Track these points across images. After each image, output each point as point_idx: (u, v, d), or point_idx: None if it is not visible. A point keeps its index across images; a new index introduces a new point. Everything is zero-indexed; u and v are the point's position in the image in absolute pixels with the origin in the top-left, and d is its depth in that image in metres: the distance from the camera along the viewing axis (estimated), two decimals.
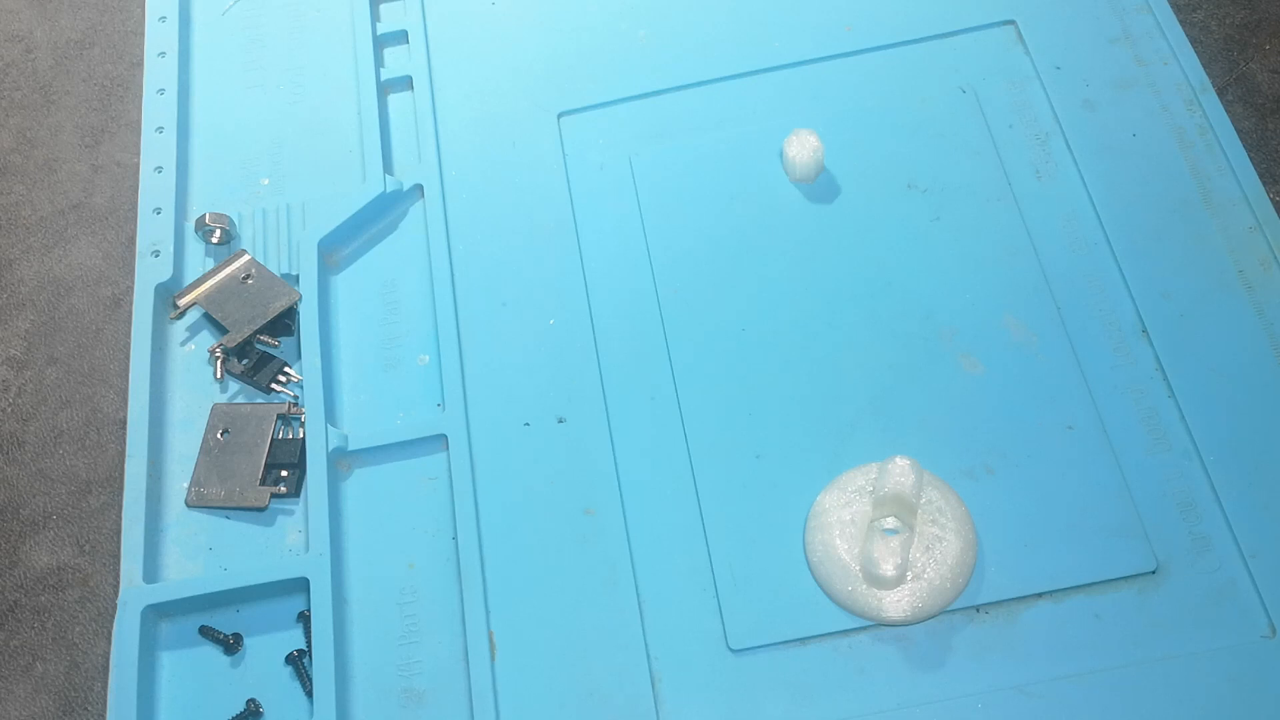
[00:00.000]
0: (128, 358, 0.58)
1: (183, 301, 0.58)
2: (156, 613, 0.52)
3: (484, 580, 0.51)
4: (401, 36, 0.67)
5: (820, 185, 0.60)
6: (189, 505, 0.54)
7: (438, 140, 0.63)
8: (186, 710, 0.51)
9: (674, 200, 0.60)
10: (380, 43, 0.67)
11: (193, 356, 0.59)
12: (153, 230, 0.61)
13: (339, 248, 0.61)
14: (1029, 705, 0.47)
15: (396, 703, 0.50)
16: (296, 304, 0.58)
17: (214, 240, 0.61)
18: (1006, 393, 0.54)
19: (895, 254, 0.58)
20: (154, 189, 0.62)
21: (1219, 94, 0.63)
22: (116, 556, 0.53)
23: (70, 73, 0.72)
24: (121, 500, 0.54)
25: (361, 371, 0.58)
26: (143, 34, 0.69)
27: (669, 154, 0.62)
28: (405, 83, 0.66)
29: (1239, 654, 0.47)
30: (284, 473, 0.55)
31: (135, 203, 0.63)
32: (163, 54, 0.67)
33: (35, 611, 0.56)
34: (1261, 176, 0.62)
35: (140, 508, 0.53)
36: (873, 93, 0.63)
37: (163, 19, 0.68)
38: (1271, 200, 0.58)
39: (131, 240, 0.62)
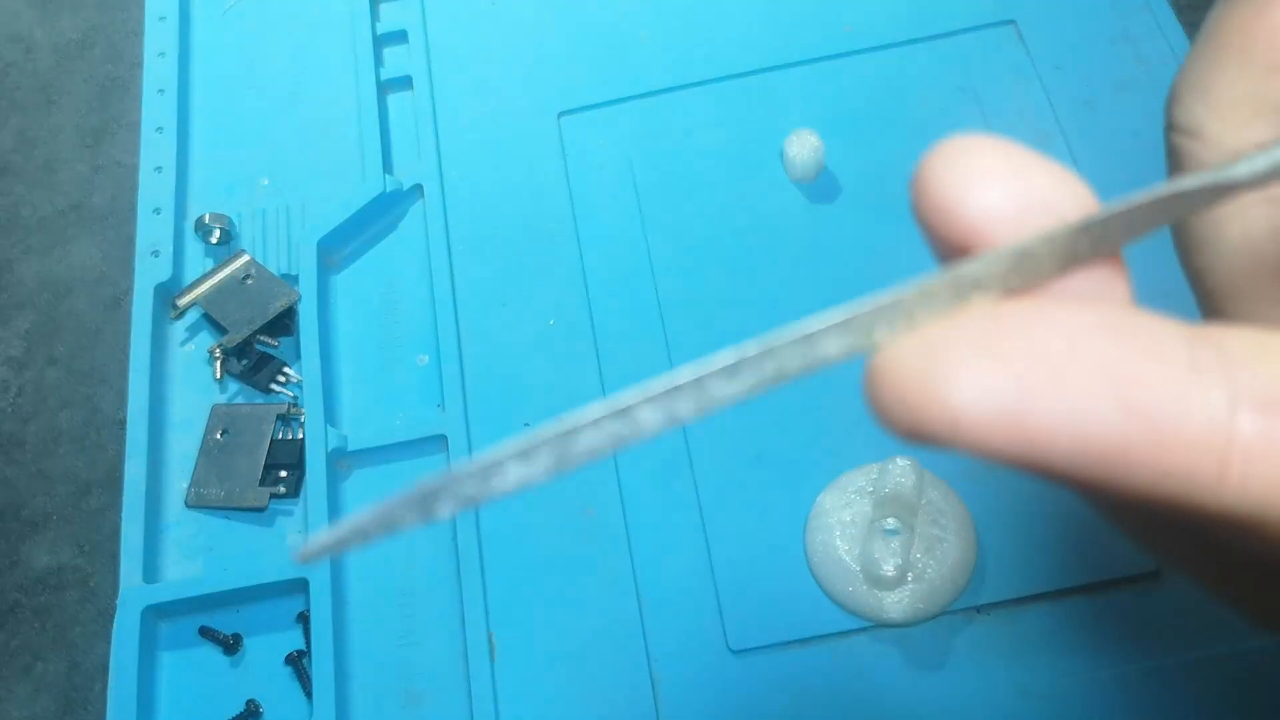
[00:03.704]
0: (127, 358, 0.58)
1: (182, 302, 0.58)
2: (156, 613, 0.52)
3: (484, 580, 0.51)
4: (401, 36, 0.67)
5: (820, 185, 0.60)
6: (189, 506, 0.54)
7: (438, 140, 0.63)
8: (186, 710, 0.51)
9: (674, 200, 0.60)
10: (380, 42, 0.67)
11: (192, 356, 0.59)
12: (152, 230, 0.61)
13: (339, 248, 0.61)
14: (1029, 705, 0.47)
15: (396, 703, 0.50)
16: (296, 304, 0.58)
17: (213, 240, 0.61)
18: None
19: (896, 254, 0.58)
20: (154, 189, 0.62)
21: None
22: (116, 556, 0.53)
23: (70, 73, 0.72)
24: (121, 500, 0.54)
25: (361, 371, 0.58)
26: (143, 34, 0.69)
27: (669, 154, 0.62)
28: (405, 82, 0.66)
29: (1239, 654, 0.47)
30: (283, 473, 0.55)
31: (135, 203, 0.63)
32: (163, 54, 0.67)
33: (35, 611, 0.56)
34: None
35: (140, 508, 0.53)
36: (873, 92, 0.63)
37: (163, 19, 0.68)
38: None
39: (131, 240, 0.62)
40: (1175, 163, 0.20)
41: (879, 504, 0.50)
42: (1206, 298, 0.21)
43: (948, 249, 0.16)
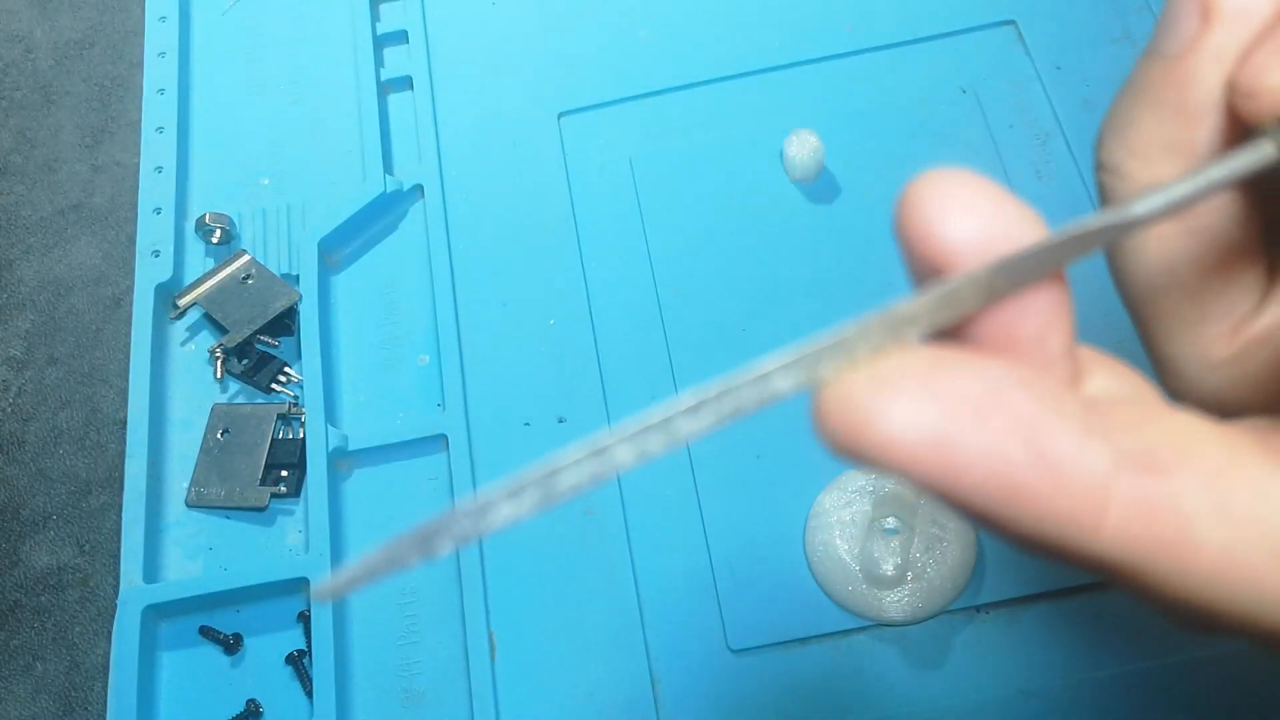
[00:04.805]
0: (128, 358, 0.58)
1: (183, 301, 0.58)
2: (156, 613, 0.52)
3: (484, 580, 0.51)
4: (401, 36, 0.67)
5: (820, 185, 0.60)
6: (189, 505, 0.54)
7: (438, 140, 0.63)
8: (186, 710, 0.51)
9: (674, 200, 0.60)
10: (380, 42, 0.67)
11: (193, 356, 0.59)
12: (153, 230, 0.61)
13: (339, 248, 0.61)
14: (1030, 706, 0.47)
15: (396, 703, 0.50)
16: (296, 304, 0.58)
17: (214, 240, 0.61)
18: None
19: (896, 254, 0.58)
20: (154, 189, 0.62)
21: None
22: (116, 556, 0.53)
23: (70, 73, 0.72)
24: (121, 500, 0.54)
25: (361, 371, 0.58)
26: (143, 34, 0.69)
27: (669, 154, 0.62)
28: (405, 83, 0.66)
29: (1239, 654, 0.47)
30: (284, 473, 0.55)
31: (135, 203, 0.63)
32: (163, 54, 0.67)
33: (35, 611, 0.56)
34: None
35: (140, 508, 0.53)
36: (873, 93, 0.63)
37: (163, 19, 0.68)
38: None
39: (131, 240, 0.62)
40: (1103, 197, 0.22)
41: (879, 503, 0.50)
42: (1135, 316, 0.23)
43: (923, 269, 0.18)
